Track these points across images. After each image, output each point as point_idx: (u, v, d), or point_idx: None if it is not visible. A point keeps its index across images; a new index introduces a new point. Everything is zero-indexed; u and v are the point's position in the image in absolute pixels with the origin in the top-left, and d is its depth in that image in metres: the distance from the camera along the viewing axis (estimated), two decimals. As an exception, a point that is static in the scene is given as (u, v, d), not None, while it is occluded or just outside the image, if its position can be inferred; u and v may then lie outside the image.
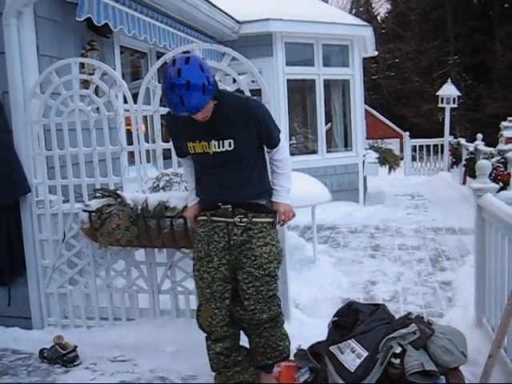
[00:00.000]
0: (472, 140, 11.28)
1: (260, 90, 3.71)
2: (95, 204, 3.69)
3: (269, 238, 2.91)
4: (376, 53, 12.41)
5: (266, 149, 3.00)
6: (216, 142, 2.79)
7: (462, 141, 12.36)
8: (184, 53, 2.73)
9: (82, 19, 4.37)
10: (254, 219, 2.87)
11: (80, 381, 3.36)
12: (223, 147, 2.79)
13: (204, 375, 3.24)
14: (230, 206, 2.87)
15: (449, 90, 13.99)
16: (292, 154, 8.94)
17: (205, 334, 3.02)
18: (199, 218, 3.01)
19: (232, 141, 2.79)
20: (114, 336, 3.85)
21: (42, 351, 3.70)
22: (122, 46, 5.64)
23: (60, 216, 4.06)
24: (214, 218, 2.91)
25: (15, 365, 3.64)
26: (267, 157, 3.03)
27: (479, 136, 10.36)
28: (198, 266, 2.96)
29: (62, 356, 3.58)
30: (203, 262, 2.92)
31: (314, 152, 9.15)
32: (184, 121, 2.74)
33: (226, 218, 2.88)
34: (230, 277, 2.95)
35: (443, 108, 14.33)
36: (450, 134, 14.27)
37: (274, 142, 2.95)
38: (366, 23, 9.86)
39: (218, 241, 2.90)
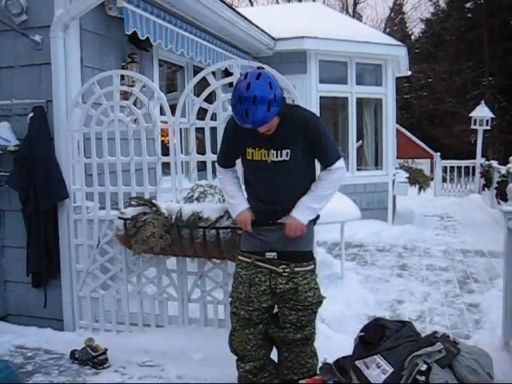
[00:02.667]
0: (504, 163, 11.16)
1: (293, 106, 3.80)
2: (131, 212, 3.80)
3: (313, 283, 2.97)
4: (409, 72, 12.41)
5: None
6: (275, 152, 2.86)
7: (494, 163, 12.24)
8: (258, 68, 2.79)
9: (130, 32, 4.53)
10: (296, 269, 2.92)
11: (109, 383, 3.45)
12: (281, 157, 2.85)
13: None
14: (274, 253, 2.93)
15: (482, 112, 13.87)
16: (322, 171, 8.98)
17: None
18: (242, 259, 3.02)
19: (289, 151, 2.84)
20: (143, 341, 3.93)
21: (73, 352, 3.80)
22: (160, 60, 5.80)
23: (96, 222, 4.18)
24: (258, 263, 2.95)
25: (47, 364, 3.75)
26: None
27: (512, 159, 10.26)
28: (236, 304, 3.00)
29: (92, 358, 3.68)
30: (243, 302, 2.97)
31: (345, 169, 9.15)
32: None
33: (270, 265, 2.93)
34: (268, 309, 3.02)
35: (476, 130, 14.22)
36: (482, 156, 14.12)
37: (327, 162, 2.93)
38: (400, 43, 9.89)
39: (259, 284, 2.94)
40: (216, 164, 3.24)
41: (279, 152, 2.85)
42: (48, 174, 4.12)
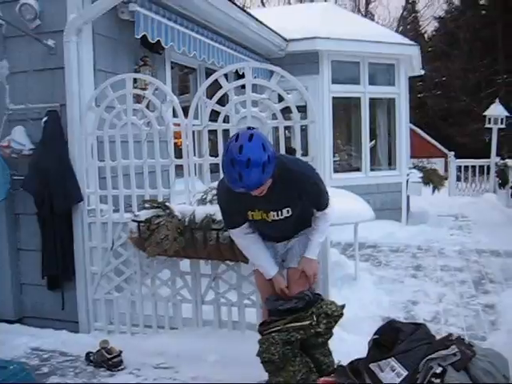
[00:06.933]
0: (520, 162, 11.07)
1: (305, 106, 3.80)
2: (144, 214, 3.82)
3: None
4: (422, 72, 12.31)
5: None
6: (274, 213, 2.93)
7: (510, 162, 12.11)
8: (249, 128, 2.80)
9: (140, 36, 4.55)
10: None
11: (124, 385, 3.47)
12: (281, 215, 2.94)
13: (245, 385, 3.30)
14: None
15: (497, 111, 13.74)
16: (335, 171, 8.97)
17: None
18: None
19: (290, 208, 2.92)
20: (158, 343, 3.95)
21: (88, 354, 3.83)
22: (172, 62, 5.82)
23: (110, 225, 4.21)
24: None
25: (63, 366, 3.78)
26: None
27: (527, 158, 10.17)
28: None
29: (107, 360, 3.70)
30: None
31: (358, 170, 9.15)
32: (240, 192, 2.75)
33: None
34: None
35: (490, 128, 14.08)
36: (497, 154, 13.97)
37: (320, 208, 3.08)
38: (412, 42, 9.84)
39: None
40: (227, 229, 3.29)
41: (279, 212, 2.93)
42: (62, 178, 4.15)
